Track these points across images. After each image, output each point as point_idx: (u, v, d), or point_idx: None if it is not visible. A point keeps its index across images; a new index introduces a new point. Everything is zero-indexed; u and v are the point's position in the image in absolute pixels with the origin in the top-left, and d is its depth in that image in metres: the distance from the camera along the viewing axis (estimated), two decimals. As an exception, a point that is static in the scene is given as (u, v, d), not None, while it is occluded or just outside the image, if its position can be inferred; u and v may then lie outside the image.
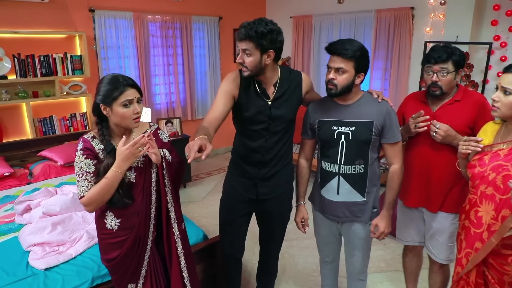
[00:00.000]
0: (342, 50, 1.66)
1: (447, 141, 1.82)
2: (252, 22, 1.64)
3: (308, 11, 4.96)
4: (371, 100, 1.80)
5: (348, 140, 1.78)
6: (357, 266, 2.04)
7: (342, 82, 1.70)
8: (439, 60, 1.78)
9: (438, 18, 3.73)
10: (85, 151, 1.50)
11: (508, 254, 1.48)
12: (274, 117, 1.79)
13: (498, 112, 1.52)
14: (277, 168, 1.93)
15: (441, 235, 2.01)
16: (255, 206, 2.02)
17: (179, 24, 4.63)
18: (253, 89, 1.78)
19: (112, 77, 1.50)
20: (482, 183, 1.56)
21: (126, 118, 1.50)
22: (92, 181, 1.50)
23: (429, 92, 1.87)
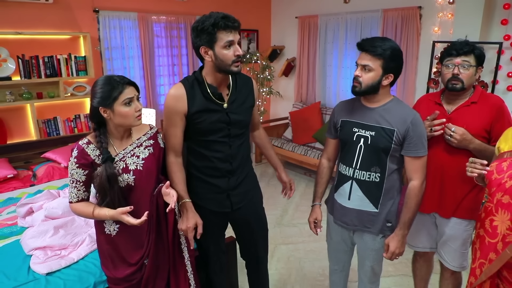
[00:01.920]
0: (370, 47, 1.59)
1: (462, 145, 1.75)
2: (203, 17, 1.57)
3: (314, 11, 4.91)
4: (399, 106, 1.70)
5: (366, 145, 1.71)
6: (367, 276, 1.98)
7: (367, 81, 1.63)
8: (461, 52, 1.72)
9: (446, 17, 3.66)
10: (78, 159, 1.48)
11: None
12: (233, 122, 1.70)
13: None
14: (245, 173, 1.85)
15: (454, 241, 1.94)
16: (230, 218, 1.92)
17: (184, 25, 4.60)
18: (205, 94, 1.65)
19: (107, 78, 1.47)
20: (499, 191, 1.47)
21: (129, 117, 1.47)
22: (81, 189, 1.52)
23: (448, 87, 1.79)
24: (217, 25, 1.49)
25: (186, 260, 1.74)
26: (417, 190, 1.70)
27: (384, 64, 1.60)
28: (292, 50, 5.38)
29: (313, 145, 4.66)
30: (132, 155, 1.56)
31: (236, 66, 1.58)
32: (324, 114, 4.86)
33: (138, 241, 1.62)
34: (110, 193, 1.47)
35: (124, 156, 1.55)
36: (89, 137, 1.53)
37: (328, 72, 4.98)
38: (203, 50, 1.56)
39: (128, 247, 1.62)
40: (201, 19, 1.53)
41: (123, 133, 1.56)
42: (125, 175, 1.52)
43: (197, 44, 1.57)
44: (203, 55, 1.58)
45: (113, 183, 1.47)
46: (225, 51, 1.54)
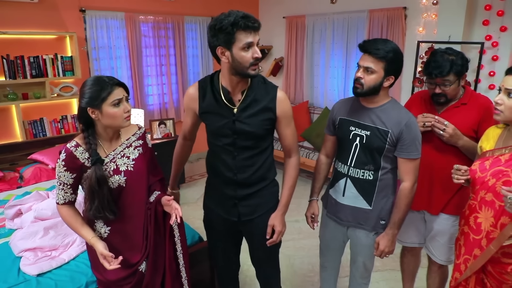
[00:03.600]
0: (373, 49, 1.61)
1: (453, 141, 1.80)
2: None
3: (301, 11, 4.95)
4: (395, 108, 1.72)
5: (362, 144, 1.75)
6: (359, 271, 2.02)
7: (369, 83, 1.65)
8: (440, 76, 1.75)
9: (430, 18, 3.75)
10: (66, 163, 1.46)
11: (507, 263, 1.46)
12: (239, 132, 1.60)
13: (501, 116, 1.48)
14: (259, 187, 1.73)
15: (442, 236, 2.00)
16: (241, 230, 1.84)
17: (172, 25, 4.59)
18: (216, 96, 1.61)
19: (96, 78, 1.45)
20: (482, 189, 1.53)
21: (117, 118, 1.45)
22: (68, 192, 1.51)
23: (433, 100, 1.85)
24: (236, 24, 1.39)
25: (181, 267, 1.74)
26: (408, 192, 1.73)
27: (386, 66, 1.62)
28: (280, 50, 5.41)
29: (301, 144, 4.70)
30: (122, 156, 1.55)
31: (254, 69, 1.50)
32: (312, 113, 4.91)
33: (130, 242, 1.61)
34: (99, 196, 1.45)
35: (114, 157, 1.53)
36: (76, 139, 1.50)
37: (316, 72, 5.03)
38: (219, 50, 1.47)
39: (120, 249, 1.59)
40: (219, 17, 1.43)
41: (112, 134, 1.54)
42: (116, 176, 1.51)
43: (213, 44, 1.47)
44: (219, 56, 1.49)
45: (102, 185, 1.45)
46: (243, 53, 1.44)
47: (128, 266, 1.60)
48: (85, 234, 1.52)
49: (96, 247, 1.49)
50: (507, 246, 1.42)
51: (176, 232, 1.70)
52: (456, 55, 1.77)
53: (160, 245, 1.66)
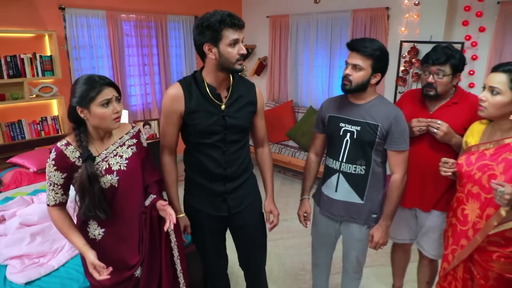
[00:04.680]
0: (361, 47, 1.66)
1: (446, 139, 1.83)
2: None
3: (285, 11, 4.97)
4: (383, 103, 1.79)
5: (352, 139, 1.78)
6: (352, 266, 2.05)
7: (357, 79, 1.69)
8: (437, 62, 1.78)
9: (412, 18, 3.83)
10: (56, 162, 1.41)
11: (493, 251, 1.53)
12: (230, 126, 1.66)
13: (485, 112, 1.55)
14: (243, 178, 1.80)
15: (434, 232, 2.04)
16: (229, 223, 1.87)
17: (154, 23, 4.51)
18: (204, 93, 1.62)
19: (87, 77, 1.41)
20: (469, 182, 1.60)
21: (106, 119, 1.41)
22: (59, 192, 1.46)
23: (423, 92, 1.88)
24: (223, 22, 1.46)
25: (178, 272, 1.71)
26: (399, 183, 1.79)
27: (374, 64, 1.68)
28: (264, 49, 5.41)
29: (287, 143, 4.72)
30: (115, 155, 1.51)
31: (240, 64, 1.56)
32: (297, 113, 4.94)
33: (126, 245, 1.57)
34: (90, 194, 1.40)
35: (106, 157, 1.49)
36: (67, 138, 1.46)
37: (300, 71, 5.06)
38: (207, 47, 1.52)
39: (115, 252, 1.56)
40: (205, 16, 1.50)
41: (104, 134, 1.50)
42: (108, 176, 1.46)
43: (200, 41, 1.53)
44: (206, 52, 1.54)
45: (93, 183, 1.41)
46: (230, 49, 1.51)
47: (124, 269, 1.57)
48: (76, 241, 1.48)
49: (86, 256, 1.45)
50: (492, 235, 1.50)
51: (172, 237, 1.67)
52: (456, 51, 1.82)
53: (156, 250, 1.62)
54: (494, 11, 3.37)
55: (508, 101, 1.48)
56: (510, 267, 1.52)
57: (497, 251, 1.53)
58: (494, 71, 1.54)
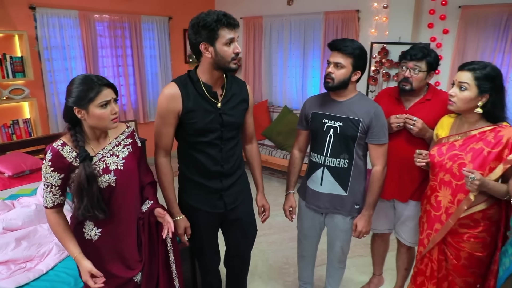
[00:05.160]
0: (343, 46, 1.77)
1: (421, 134, 1.96)
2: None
3: (258, 12, 5.05)
4: (363, 100, 1.90)
5: (336, 134, 1.89)
6: (337, 256, 2.16)
7: (339, 77, 1.80)
8: (414, 58, 1.91)
9: (381, 20, 4.02)
10: (53, 163, 1.39)
11: (463, 233, 1.70)
12: (226, 124, 1.71)
13: (454, 106, 1.69)
14: (238, 174, 1.86)
15: (411, 221, 2.18)
16: (224, 219, 1.90)
17: (128, 24, 4.46)
18: (200, 92, 1.65)
19: (85, 77, 1.40)
20: (441, 171, 1.75)
21: (104, 119, 1.41)
22: (57, 193, 1.44)
23: (399, 87, 2.00)
24: (220, 22, 1.50)
25: (174, 276, 1.73)
26: (380, 175, 1.92)
27: (354, 62, 1.80)
28: (238, 50, 5.47)
29: (262, 142, 4.81)
30: (112, 154, 1.51)
31: (235, 63, 1.60)
32: (272, 112, 5.04)
33: (123, 244, 1.57)
34: (88, 194, 1.40)
35: (103, 156, 1.49)
36: (63, 138, 1.44)
37: (274, 72, 5.17)
38: (203, 46, 1.55)
39: (112, 252, 1.55)
40: (201, 16, 1.54)
41: (100, 134, 1.50)
42: (106, 175, 1.46)
43: (196, 40, 1.56)
44: (202, 51, 1.57)
45: (92, 183, 1.41)
46: (226, 48, 1.55)
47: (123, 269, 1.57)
48: (71, 248, 1.47)
49: (82, 265, 1.45)
50: (462, 218, 1.67)
51: (168, 241, 1.69)
52: (432, 51, 1.97)
53: (154, 256, 1.65)
54: (456, 15, 3.62)
55: (474, 96, 1.64)
56: (478, 246, 1.68)
57: (467, 232, 1.69)
58: (461, 70, 1.69)
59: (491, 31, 3.43)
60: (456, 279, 1.77)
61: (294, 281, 2.72)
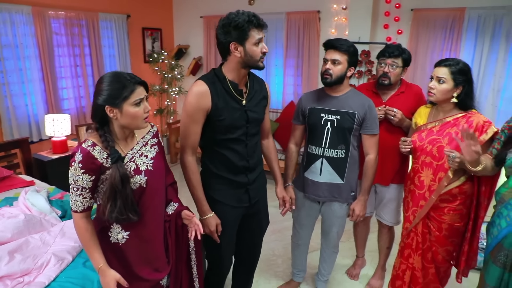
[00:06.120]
0: (338, 44, 1.92)
1: (400, 123, 2.19)
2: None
3: (219, 12, 5.05)
4: (357, 94, 2.06)
5: (333, 127, 2.02)
6: (332, 241, 2.32)
7: (337, 73, 1.94)
8: (392, 55, 2.15)
9: (341, 21, 4.28)
10: (85, 164, 1.34)
11: (444, 207, 1.95)
12: (251, 120, 1.77)
13: (434, 97, 1.93)
14: (260, 169, 1.95)
15: (392, 203, 2.42)
16: (246, 213, 1.94)
17: (85, 22, 4.23)
18: (227, 90, 1.70)
19: (116, 75, 1.37)
20: (422, 154, 1.99)
21: (138, 118, 1.39)
22: (87, 196, 1.39)
23: (379, 82, 2.22)
24: (251, 23, 1.57)
25: (194, 277, 1.74)
26: (373, 162, 2.10)
27: (349, 58, 1.95)
28: (198, 49, 5.44)
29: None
30: (141, 155, 1.48)
31: (262, 61, 1.67)
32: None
33: (150, 246, 1.54)
34: (122, 196, 1.36)
35: (133, 157, 1.46)
36: (91, 138, 1.39)
37: (236, 70, 5.21)
38: (233, 46, 1.60)
39: (139, 254, 1.52)
40: (231, 16, 1.58)
41: (128, 134, 1.47)
42: (137, 176, 1.43)
43: (226, 40, 1.60)
44: (232, 51, 1.62)
45: (125, 184, 1.37)
46: (255, 48, 1.61)
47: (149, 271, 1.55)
48: (97, 257, 1.42)
49: (108, 274, 1.41)
50: (443, 194, 1.92)
51: (191, 243, 1.69)
52: (405, 49, 2.21)
53: (181, 259, 1.65)
54: (409, 17, 3.98)
55: (450, 88, 1.88)
56: (457, 218, 1.94)
57: (447, 206, 1.94)
58: (438, 66, 1.93)
59: (439, 32, 3.84)
60: (439, 249, 2.02)
61: (284, 271, 2.84)
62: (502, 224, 1.64)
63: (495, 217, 1.72)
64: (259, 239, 2.14)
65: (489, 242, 1.73)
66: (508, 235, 1.60)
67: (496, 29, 3.58)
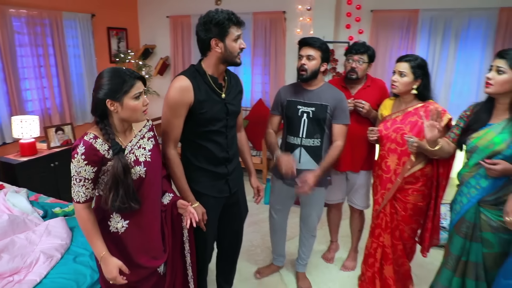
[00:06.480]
0: (312, 41, 2.11)
1: (367, 114, 2.40)
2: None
3: (186, 12, 5.11)
4: (330, 88, 2.23)
5: (309, 118, 2.19)
6: (312, 225, 2.48)
7: (312, 67, 2.11)
8: (358, 52, 2.36)
9: (305, 21, 4.48)
10: (88, 156, 1.39)
11: (408, 188, 2.18)
12: (231, 113, 1.86)
13: (397, 89, 2.14)
14: (237, 160, 2.05)
15: (363, 188, 2.63)
16: (226, 203, 2.03)
17: (49, 21, 4.11)
18: (209, 84, 1.77)
19: (115, 70, 1.43)
20: (388, 142, 2.21)
21: (138, 111, 1.46)
22: (90, 187, 1.44)
23: (347, 76, 2.43)
24: (230, 20, 1.68)
25: (188, 265, 1.82)
26: (340, 147, 2.24)
27: (322, 54, 2.13)
28: (165, 49, 5.44)
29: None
30: (139, 147, 1.54)
31: (239, 58, 1.78)
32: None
33: (148, 234, 1.60)
34: (124, 186, 1.42)
35: (132, 149, 1.52)
36: (92, 131, 1.44)
37: (204, 70, 5.27)
38: (214, 42, 1.69)
39: (138, 242, 1.58)
40: (211, 14, 1.68)
41: (127, 127, 1.53)
42: (137, 167, 1.50)
43: (207, 36, 1.69)
44: (213, 47, 1.70)
45: (127, 174, 1.43)
46: (234, 44, 1.72)
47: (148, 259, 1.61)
48: (100, 246, 1.48)
49: (110, 262, 1.47)
50: (407, 177, 2.15)
51: (185, 232, 1.78)
52: (369, 47, 2.42)
53: (176, 247, 1.73)
54: (369, 17, 4.26)
55: (411, 80, 2.10)
56: (420, 198, 2.18)
57: (411, 188, 2.17)
58: (399, 61, 2.15)
59: (396, 32, 4.15)
60: (405, 227, 2.24)
61: (264, 259, 2.97)
62: (464, 201, 1.88)
63: (457, 195, 1.95)
64: (240, 227, 2.24)
65: (453, 218, 1.96)
66: (469, 210, 1.84)
67: (446, 29, 3.95)
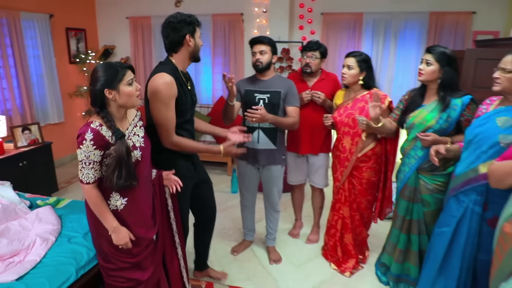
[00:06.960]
0: (263, 39, 2.50)
1: (323, 104, 2.78)
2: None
3: (146, 13, 5.23)
4: (281, 78, 2.63)
5: (265, 103, 2.55)
6: (274, 200, 2.83)
7: (265, 60, 2.50)
8: (312, 49, 2.74)
9: (262, 23, 4.82)
10: (96, 141, 1.57)
11: (362, 166, 2.59)
12: (194, 103, 2.14)
13: (346, 80, 2.56)
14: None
15: (322, 168, 3.01)
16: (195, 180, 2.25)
17: (6, 20, 4.07)
18: (182, 79, 1.97)
19: (107, 63, 1.64)
20: (342, 126, 2.61)
21: (132, 96, 1.65)
22: (97, 169, 1.63)
23: (303, 70, 2.80)
24: (196, 20, 2.00)
25: (174, 232, 2.06)
26: (294, 121, 2.58)
27: (272, 48, 2.53)
28: (125, 50, 5.51)
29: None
30: (134, 134, 1.75)
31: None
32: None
33: (143, 207, 1.81)
34: (126, 165, 1.62)
35: (128, 135, 1.71)
36: (96, 120, 1.61)
37: (166, 69, 5.42)
38: (188, 37, 1.94)
39: (135, 216, 1.77)
40: (182, 15, 1.94)
41: (123, 114, 1.72)
42: (135, 151, 1.70)
43: (182, 32, 1.93)
44: (187, 41, 1.94)
45: (129, 155, 1.64)
46: (199, 40, 2.03)
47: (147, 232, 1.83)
48: (111, 219, 1.68)
49: (121, 231, 1.70)
50: (361, 156, 2.56)
51: (169, 202, 2.02)
52: (322, 45, 2.81)
53: (163, 217, 1.97)
54: (320, 19, 4.70)
55: (357, 73, 2.51)
56: (372, 173, 2.60)
57: (365, 165, 2.58)
58: (347, 57, 2.56)
59: (344, 32, 4.63)
60: (361, 199, 2.65)
61: (236, 239, 3.24)
62: (406, 170, 2.31)
63: (401, 166, 2.38)
64: (211, 197, 2.47)
65: (398, 185, 2.39)
66: (410, 177, 2.27)
67: (387, 30, 4.49)
